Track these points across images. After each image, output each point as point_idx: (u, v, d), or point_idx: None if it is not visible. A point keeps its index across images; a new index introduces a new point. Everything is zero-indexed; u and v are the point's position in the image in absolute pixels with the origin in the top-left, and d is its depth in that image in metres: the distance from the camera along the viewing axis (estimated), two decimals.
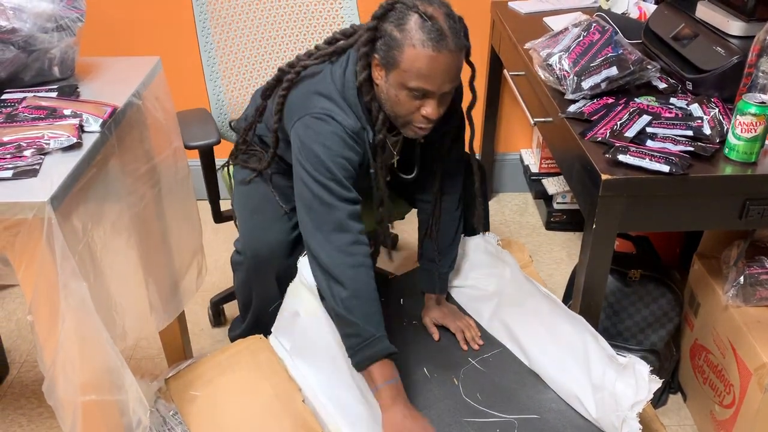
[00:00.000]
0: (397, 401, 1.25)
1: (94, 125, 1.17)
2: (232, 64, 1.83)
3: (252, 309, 1.58)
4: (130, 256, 1.35)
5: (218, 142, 1.67)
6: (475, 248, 1.63)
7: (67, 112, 1.19)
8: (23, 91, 1.28)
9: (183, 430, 1.34)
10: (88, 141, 1.14)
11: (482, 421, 1.30)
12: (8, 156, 1.08)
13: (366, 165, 1.37)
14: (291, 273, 1.49)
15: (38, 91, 1.28)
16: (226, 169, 1.74)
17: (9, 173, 1.04)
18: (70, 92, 1.29)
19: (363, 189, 1.36)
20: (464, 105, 1.50)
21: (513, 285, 1.53)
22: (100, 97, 1.28)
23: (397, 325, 1.53)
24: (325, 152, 1.29)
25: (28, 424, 1.73)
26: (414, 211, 1.70)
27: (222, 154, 1.73)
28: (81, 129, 1.15)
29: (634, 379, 1.26)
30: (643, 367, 1.28)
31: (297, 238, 1.51)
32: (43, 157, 1.09)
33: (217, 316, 2.03)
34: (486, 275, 1.59)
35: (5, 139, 1.11)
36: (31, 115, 1.18)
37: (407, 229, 2.36)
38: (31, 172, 1.04)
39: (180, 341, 1.72)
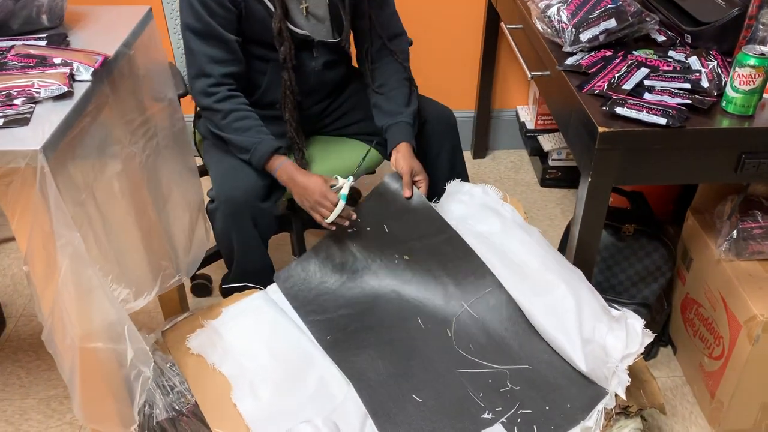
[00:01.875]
0: (292, 177, 1.49)
1: (85, 74, 1.15)
2: None
3: (235, 257, 1.58)
4: (133, 209, 1.34)
5: (185, 94, 1.66)
6: (471, 198, 1.61)
7: (57, 60, 1.17)
8: (11, 40, 1.25)
9: (180, 381, 1.35)
10: (80, 90, 1.12)
11: (475, 372, 1.32)
12: None
13: (248, 10, 1.45)
14: (267, 218, 1.54)
15: (27, 40, 1.26)
16: (193, 123, 1.74)
17: None
18: (59, 41, 1.27)
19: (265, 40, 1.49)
20: None
21: (510, 232, 1.51)
22: (90, 46, 1.26)
23: (389, 260, 1.50)
24: None
25: (27, 376, 1.74)
26: (383, 170, 1.74)
27: (189, 110, 1.71)
28: (72, 78, 1.13)
29: (625, 333, 1.28)
30: (635, 321, 1.29)
31: (271, 182, 1.54)
32: (33, 105, 1.07)
33: (202, 287, 1.97)
34: (481, 221, 1.56)
35: None
36: (20, 64, 1.16)
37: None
38: (22, 121, 1.03)
39: (176, 295, 1.73)
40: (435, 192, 1.65)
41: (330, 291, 1.48)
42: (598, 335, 1.29)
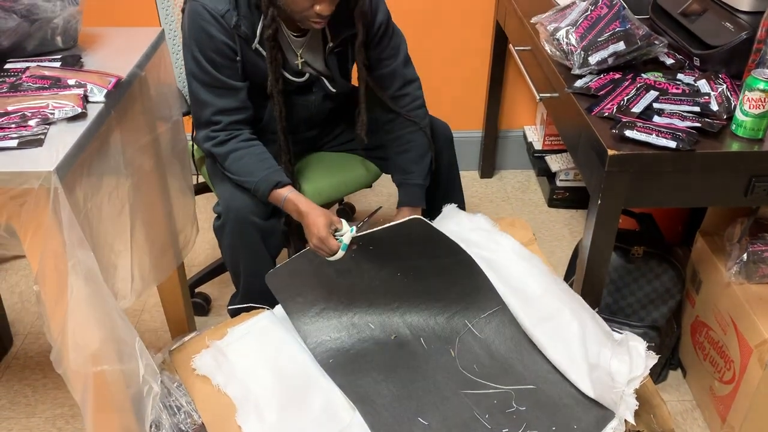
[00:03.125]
0: (298, 212, 1.47)
1: (98, 95, 1.16)
2: None
3: (242, 275, 1.58)
4: (123, 226, 1.34)
5: (187, 113, 1.67)
6: (471, 227, 1.58)
7: (71, 82, 1.18)
8: (26, 61, 1.27)
9: (187, 401, 1.35)
10: (93, 111, 1.13)
11: (480, 393, 1.31)
12: (13, 125, 1.07)
13: (246, 61, 1.46)
14: (275, 235, 1.54)
15: (41, 61, 1.27)
16: (192, 139, 1.75)
17: (14, 143, 1.04)
18: (73, 62, 1.28)
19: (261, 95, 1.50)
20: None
21: (510, 258, 1.50)
22: (103, 67, 1.27)
23: (390, 285, 1.46)
24: (190, 34, 1.43)
25: (33, 394, 1.74)
26: (380, 184, 1.76)
27: (188, 128, 1.72)
28: (86, 99, 1.14)
29: (629, 356, 1.27)
30: (638, 344, 1.28)
31: None
32: (48, 126, 1.08)
33: (198, 306, 1.96)
34: (481, 247, 1.53)
35: (9, 108, 1.10)
36: (35, 85, 1.17)
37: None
38: (37, 142, 1.04)
39: (183, 315, 1.73)
40: (433, 205, 1.68)
41: (329, 312, 1.47)
42: (603, 360, 1.28)
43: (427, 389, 1.31)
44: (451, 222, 1.59)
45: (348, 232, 1.45)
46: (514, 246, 1.54)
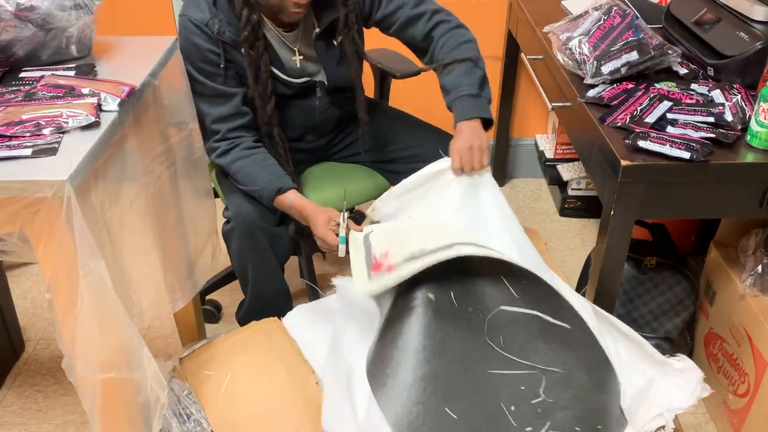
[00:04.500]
0: (302, 215, 1.46)
1: (112, 104, 1.17)
2: None
3: (251, 282, 1.57)
4: (146, 236, 1.35)
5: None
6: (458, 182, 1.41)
7: (85, 90, 1.18)
8: (41, 70, 1.28)
9: (197, 410, 1.35)
10: (106, 120, 1.14)
11: (508, 374, 1.23)
12: (27, 134, 1.08)
13: (236, 68, 1.48)
14: (283, 241, 1.54)
15: (56, 70, 1.28)
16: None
17: (28, 151, 1.04)
18: (87, 71, 1.29)
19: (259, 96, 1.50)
20: None
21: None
22: (117, 76, 1.28)
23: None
24: (182, 48, 1.45)
25: (44, 400, 1.75)
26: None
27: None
28: (99, 108, 1.15)
29: (683, 383, 1.21)
30: (697, 374, 1.22)
31: None
32: (61, 135, 1.09)
33: (209, 313, 1.96)
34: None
35: (24, 117, 1.11)
36: (49, 94, 1.18)
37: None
38: (50, 151, 1.05)
39: (194, 322, 1.73)
40: None
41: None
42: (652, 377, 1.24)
43: (453, 366, 1.21)
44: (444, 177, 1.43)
45: (341, 223, 1.40)
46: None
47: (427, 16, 1.55)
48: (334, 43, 1.55)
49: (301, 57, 1.55)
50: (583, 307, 1.29)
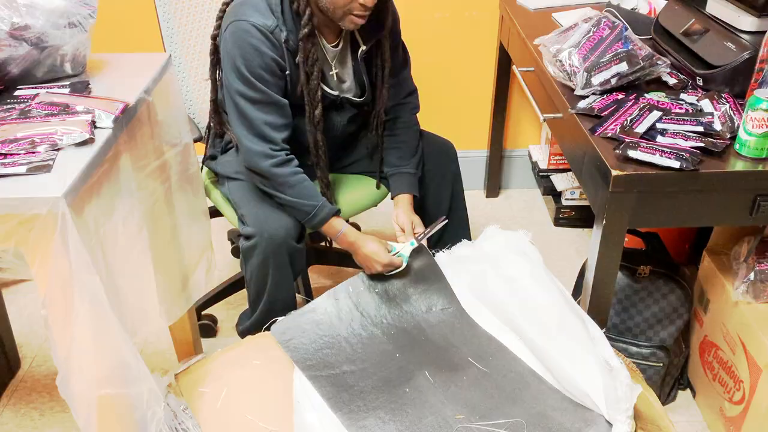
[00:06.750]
0: (354, 246, 1.55)
1: (106, 121, 1.17)
2: (197, 62, 1.87)
3: (266, 296, 1.58)
4: (140, 252, 1.36)
5: (198, 139, 1.69)
6: (506, 240, 1.60)
7: (79, 108, 1.19)
8: (36, 88, 1.29)
9: (194, 425, 1.35)
10: (101, 137, 1.15)
11: (490, 424, 1.29)
12: (22, 152, 1.08)
13: (292, 76, 1.48)
14: (302, 257, 1.56)
15: (50, 88, 1.29)
16: (204, 164, 1.77)
17: (23, 169, 1.05)
18: (82, 88, 1.30)
19: (299, 105, 1.51)
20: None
21: (536, 277, 1.49)
22: (111, 93, 1.29)
23: (395, 322, 1.51)
24: (239, 52, 1.43)
25: (40, 417, 1.74)
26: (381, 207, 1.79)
27: (199, 151, 1.74)
28: (93, 125, 1.16)
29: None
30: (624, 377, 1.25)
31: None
32: (56, 152, 1.09)
33: (205, 328, 1.96)
34: (511, 263, 1.54)
35: (19, 135, 1.11)
36: (44, 111, 1.19)
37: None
38: (45, 168, 1.05)
39: (190, 337, 1.73)
40: (438, 213, 1.71)
41: (331, 345, 1.46)
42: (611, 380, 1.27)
43: (435, 423, 1.28)
44: (493, 239, 1.61)
45: (408, 245, 1.59)
46: (541, 262, 1.54)
47: (407, 91, 1.71)
48: (371, 63, 1.61)
49: (336, 71, 1.57)
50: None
